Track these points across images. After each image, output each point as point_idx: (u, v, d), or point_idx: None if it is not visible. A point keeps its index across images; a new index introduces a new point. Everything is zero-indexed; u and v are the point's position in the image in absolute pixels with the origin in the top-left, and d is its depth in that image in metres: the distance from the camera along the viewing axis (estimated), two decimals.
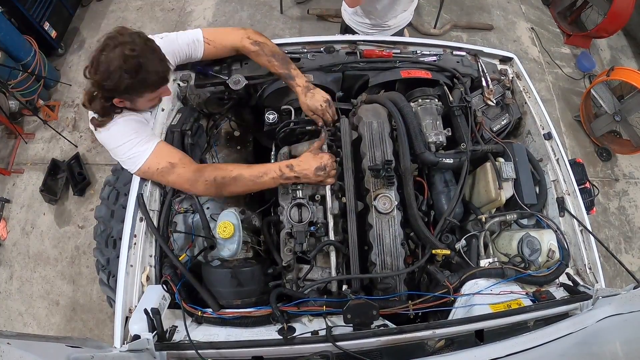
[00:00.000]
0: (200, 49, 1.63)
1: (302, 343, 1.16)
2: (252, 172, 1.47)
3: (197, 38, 1.61)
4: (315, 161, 1.49)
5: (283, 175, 1.48)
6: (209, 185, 1.44)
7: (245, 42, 1.66)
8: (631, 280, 1.35)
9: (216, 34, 1.67)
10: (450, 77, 1.87)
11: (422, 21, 4.23)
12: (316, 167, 1.47)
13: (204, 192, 1.49)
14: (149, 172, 1.46)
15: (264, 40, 1.68)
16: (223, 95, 1.83)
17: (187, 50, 1.61)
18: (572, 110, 4.00)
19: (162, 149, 1.46)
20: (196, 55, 1.65)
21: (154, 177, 1.48)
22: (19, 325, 2.81)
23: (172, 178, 1.45)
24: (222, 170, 1.46)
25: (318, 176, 1.48)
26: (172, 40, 1.57)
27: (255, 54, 1.67)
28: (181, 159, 1.46)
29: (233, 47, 1.69)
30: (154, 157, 1.43)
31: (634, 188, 3.73)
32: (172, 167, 1.43)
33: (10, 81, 3.11)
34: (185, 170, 1.44)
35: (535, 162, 1.75)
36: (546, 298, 1.31)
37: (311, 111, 1.66)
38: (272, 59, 1.66)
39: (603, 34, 4.19)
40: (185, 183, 1.45)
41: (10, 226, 3.15)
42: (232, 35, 1.68)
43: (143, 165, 1.43)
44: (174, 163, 1.44)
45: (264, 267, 1.51)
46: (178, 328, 1.25)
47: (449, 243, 1.54)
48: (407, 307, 1.28)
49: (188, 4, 4.23)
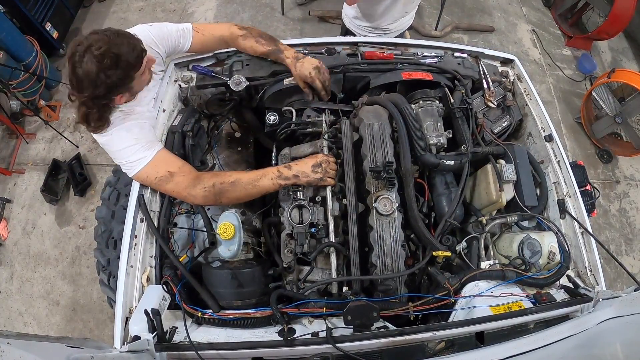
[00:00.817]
0: (189, 37, 1.66)
1: (303, 344, 1.16)
2: (250, 176, 1.48)
3: (186, 27, 1.66)
4: (310, 159, 1.53)
5: (282, 176, 1.48)
6: (208, 192, 1.44)
7: (233, 28, 1.74)
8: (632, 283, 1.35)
9: (204, 25, 1.74)
10: (451, 78, 1.87)
11: (423, 23, 4.24)
12: (312, 164, 1.50)
13: (202, 200, 1.47)
14: (147, 180, 1.46)
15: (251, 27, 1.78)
16: (224, 96, 1.83)
17: (176, 37, 1.62)
18: (573, 112, 4.00)
19: (161, 158, 1.45)
20: (185, 43, 1.67)
21: (152, 185, 1.48)
22: (19, 325, 2.81)
23: (170, 187, 1.45)
24: (220, 177, 1.46)
25: (316, 173, 1.49)
26: (161, 27, 1.59)
27: (243, 37, 1.73)
28: (180, 168, 1.45)
29: (221, 36, 1.73)
30: (152, 165, 1.43)
31: (634, 190, 3.72)
32: (171, 176, 1.43)
33: (11, 81, 3.11)
34: (184, 178, 1.44)
35: (536, 164, 1.75)
36: (547, 300, 1.30)
37: (301, 80, 1.70)
38: (259, 39, 1.74)
39: (604, 36, 4.19)
40: (183, 191, 1.44)
41: (11, 226, 3.16)
42: (220, 25, 1.78)
43: (141, 173, 1.43)
44: (173, 172, 1.43)
45: (265, 269, 1.51)
46: (178, 329, 1.25)
47: (450, 245, 1.53)
48: (408, 308, 1.27)
49: (189, 5, 4.24)
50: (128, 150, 1.41)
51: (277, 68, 1.81)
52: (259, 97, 1.85)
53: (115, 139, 1.42)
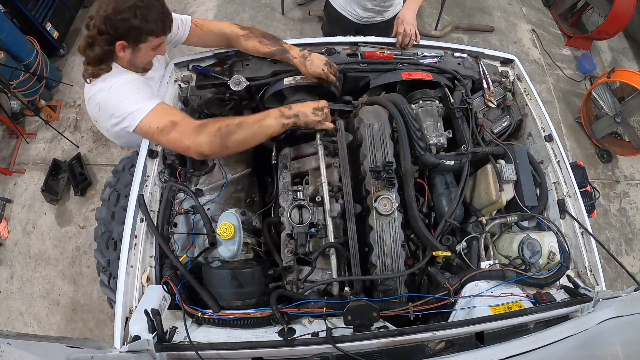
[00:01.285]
0: (187, 29, 1.65)
1: (302, 344, 1.16)
2: (253, 117, 1.47)
3: (185, 18, 1.64)
4: (312, 102, 1.54)
5: (284, 115, 1.47)
6: (213, 136, 1.38)
7: (234, 27, 1.72)
8: (632, 282, 1.35)
9: (204, 20, 1.72)
10: (451, 78, 1.87)
11: (423, 23, 4.24)
12: (314, 107, 1.50)
13: (208, 147, 1.38)
14: (150, 131, 1.41)
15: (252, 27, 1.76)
16: (224, 96, 1.82)
17: (174, 28, 1.59)
18: (573, 112, 4.00)
19: (163, 108, 1.43)
20: (182, 34, 1.66)
21: (154, 136, 1.43)
22: (19, 325, 2.81)
23: (172, 136, 1.39)
24: (225, 120, 1.44)
25: (315, 115, 1.49)
26: None
27: (244, 37, 1.71)
28: (183, 118, 1.42)
29: (221, 33, 1.71)
30: (154, 114, 1.39)
31: (634, 190, 3.72)
32: (174, 125, 1.38)
33: (12, 81, 3.11)
34: (188, 126, 1.39)
35: (536, 164, 1.75)
36: (547, 300, 1.30)
37: (315, 78, 1.69)
38: (262, 39, 1.72)
39: (604, 35, 4.19)
40: (187, 139, 1.38)
41: (12, 226, 3.16)
42: (220, 23, 1.75)
43: (143, 122, 1.39)
44: (176, 121, 1.39)
45: (265, 269, 1.51)
46: (178, 329, 1.25)
47: (450, 245, 1.53)
48: (408, 308, 1.27)
49: (189, 5, 4.24)
50: (128, 100, 1.39)
51: (277, 68, 1.81)
52: (259, 97, 1.85)
53: (115, 89, 1.41)
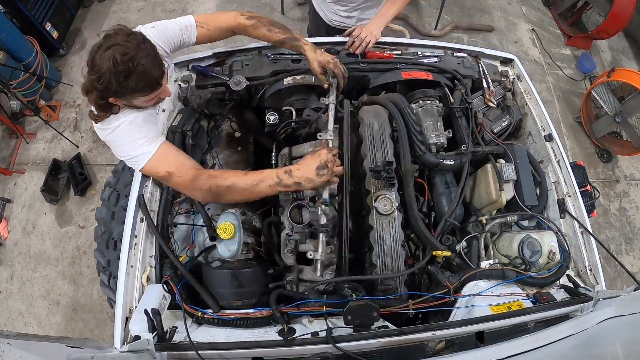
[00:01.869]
0: (193, 33, 1.60)
1: (302, 344, 1.16)
2: (246, 181, 1.40)
3: (189, 23, 1.59)
4: (313, 161, 1.38)
5: (281, 183, 1.37)
6: (205, 195, 1.43)
7: (240, 19, 1.66)
8: (632, 282, 1.35)
9: (208, 17, 1.65)
10: (451, 78, 1.87)
11: (423, 22, 4.23)
12: (317, 166, 1.36)
13: (202, 200, 1.50)
14: (153, 174, 1.48)
15: (258, 15, 1.69)
16: (224, 96, 1.83)
17: (180, 36, 1.57)
18: (573, 112, 4.00)
19: (162, 154, 1.43)
20: (190, 40, 1.62)
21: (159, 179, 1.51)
22: (19, 325, 2.81)
23: (172, 183, 1.46)
24: (217, 179, 1.41)
25: (321, 176, 1.36)
26: (164, 28, 1.53)
27: (252, 27, 1.67)
28: (178, 168, 1.42)
29: (228, 28, 1.67)
30: (154, 162, 1.42)
31: (634, 189, 3.72)
32: (170, 176, 1.42)
33: (12, 81, 3.11)
34: (182, 179, 1.42)
35: (536, 163, 1.75)
36: (547, 300, 1.30)
37: (322, 67, 1.66)
38: (272, 27, 1.68)
39: (604, 35, 4.18)
40: (183, 190, 1.46)
41: (12, 226, 3.16)
42: (225, 16, 1.67)
43: (146, 168, 1.43)
44: (171, 172, 1.42)
45: (265, 268, 1.51)
46: (178, 329, 1.25)
47: (450, 244, 1.53)
48: (408, 306, 1.27)
49: (189, 5, 4.24)
50: (132, 144, 1.39)
51: (277, 68, 1.81)
52: (259, 96, 1.85)
53: (120, 131, 1.40)
